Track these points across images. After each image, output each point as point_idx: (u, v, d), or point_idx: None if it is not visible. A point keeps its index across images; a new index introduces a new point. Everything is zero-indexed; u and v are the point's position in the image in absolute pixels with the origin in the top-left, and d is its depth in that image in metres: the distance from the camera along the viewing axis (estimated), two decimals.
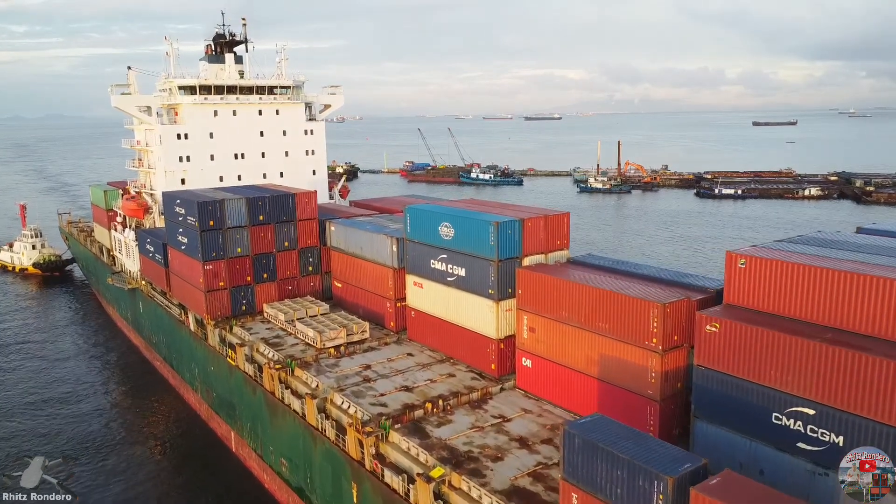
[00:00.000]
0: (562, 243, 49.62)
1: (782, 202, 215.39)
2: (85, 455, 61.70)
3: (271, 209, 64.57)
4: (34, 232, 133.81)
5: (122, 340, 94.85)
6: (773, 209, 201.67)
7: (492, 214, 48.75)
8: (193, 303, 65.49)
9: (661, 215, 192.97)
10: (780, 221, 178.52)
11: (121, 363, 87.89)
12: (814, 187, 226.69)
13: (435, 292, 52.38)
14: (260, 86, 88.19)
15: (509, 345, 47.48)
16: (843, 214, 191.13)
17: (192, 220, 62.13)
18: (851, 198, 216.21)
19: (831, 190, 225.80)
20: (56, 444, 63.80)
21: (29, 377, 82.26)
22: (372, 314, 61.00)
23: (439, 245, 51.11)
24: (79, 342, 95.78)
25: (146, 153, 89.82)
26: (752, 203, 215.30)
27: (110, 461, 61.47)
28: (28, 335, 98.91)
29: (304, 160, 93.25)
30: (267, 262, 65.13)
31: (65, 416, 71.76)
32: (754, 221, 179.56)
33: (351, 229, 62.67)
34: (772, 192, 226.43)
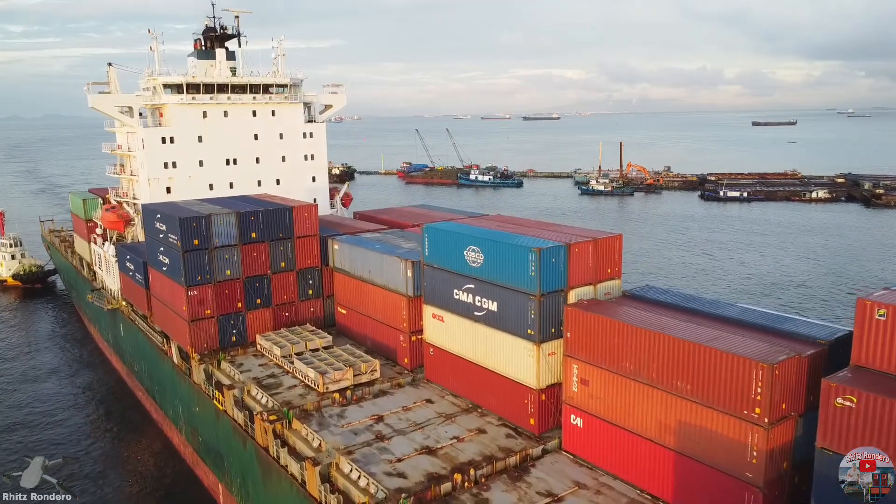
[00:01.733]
0: (613, 272, 41.43)
1: (789, 205, 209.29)
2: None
3: (265, 225, 56.24)
4: (13, 241, 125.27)
5: (103, 363, 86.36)
6: (781, 212, 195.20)
7: (529, 238, 40.52)
8: (176, 332, 57.18)
9: (667, 219, 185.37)
10: (791, 226, 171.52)
11: (100, 390, 79.32)
12: (821, 189, 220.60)
13: (459, 328, 44.17)
14: (254, 84, 79.77)
15: (552, 396, 39.33)
16: (855, 218, 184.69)
17: (174, 239, 53.82)
18: (860, 200, 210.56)
19: (839, 192, 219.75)
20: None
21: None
22: (382, 347, 52.77)
23: (465, 273, 42.89)
24: (56, 363, 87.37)
25: (128, 158, 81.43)
26: (758, 206, 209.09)
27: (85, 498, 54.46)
28: (2, 352, 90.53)
29: (303, 166, 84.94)
30: (260, 286, 56.81)
31: (33, 442, 64.50)
32: (764, 225, 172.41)
33: (358, 249, 54.38)
34: (778, 195, 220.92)
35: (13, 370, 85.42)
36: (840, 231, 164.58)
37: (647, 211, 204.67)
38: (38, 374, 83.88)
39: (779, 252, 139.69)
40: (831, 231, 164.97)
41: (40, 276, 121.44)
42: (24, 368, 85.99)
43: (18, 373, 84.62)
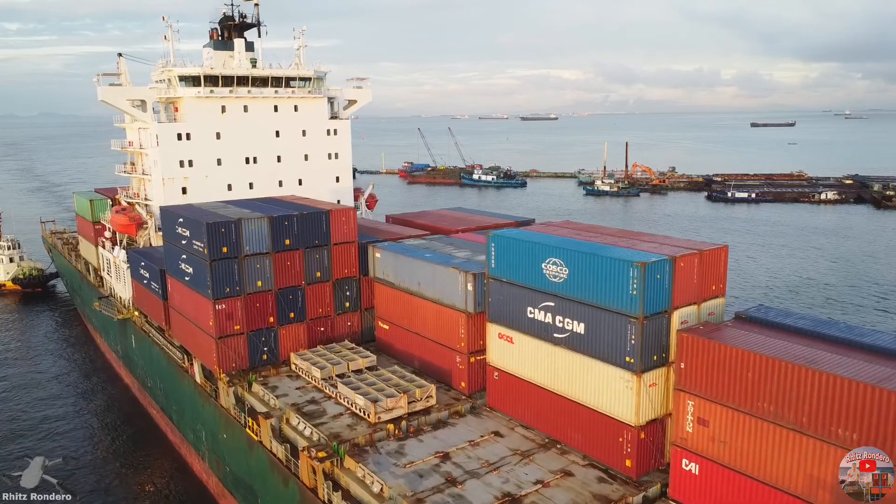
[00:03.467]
0: (717, 289, 35.97)
1: (798, 206, 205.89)
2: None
3: (300, 231, 50.57)
4: (12, 243, 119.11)
5: (110, 375, 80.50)
6: (791, 214, 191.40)
7: (626, 249, 35.03)
8: (200, 350, 51.46)
9: (676, 220, 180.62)
10: (803, 228, 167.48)
11: (107, 402, 73.72)
12: (830, 191, 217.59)
13: (533, 351, 38.65)
14: (276, 76, 74.11)
15: (653, 434, 33.86)
16: (866, 221, 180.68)
17: (200, 246, 48.12)
18: (869, 202, 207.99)
19: (848, 194, 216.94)
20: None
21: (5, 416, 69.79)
22: (432, 369, 47.19)
23: (543, 288, 37.35)
24: (59, 371, 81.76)
25: (140, 156, 75.66)
26: (767, 207, 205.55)
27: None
28: (2, 362, 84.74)
29: (327, 165, 79.45)
30: (294, 298, 51.15)
31: (35, 448, 60.26)
32: (774, 227, 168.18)
33: (404, 258, 48.75)
34: (786, 196, 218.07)
35: (15, 376, 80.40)
36: (856, 232, 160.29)
37: (655, 212, 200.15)
38: (39, 381, 78.96)
39: (815, 256, 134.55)
40: (847, 231, 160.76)
41: (41, 280, 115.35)
42: (25, 375, 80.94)
43: (20, 379, 79.68)
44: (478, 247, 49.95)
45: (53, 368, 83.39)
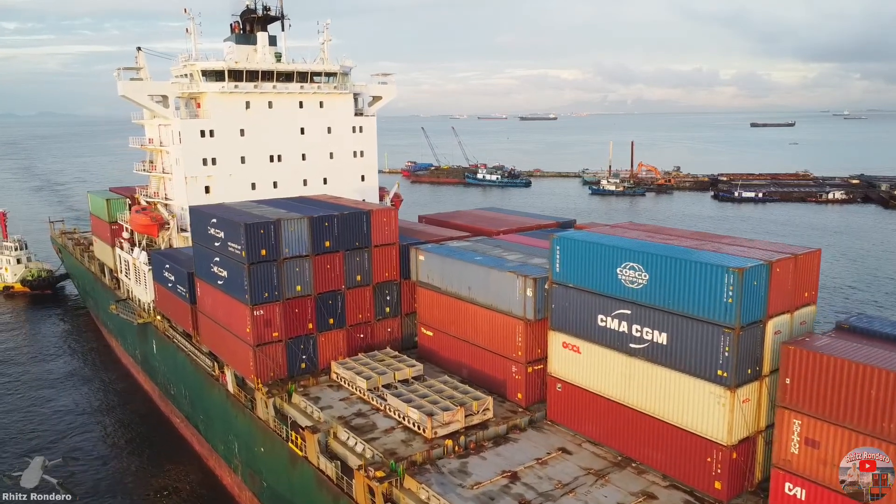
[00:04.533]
0: (810, 296, 33.35)
1: (806, 206, 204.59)
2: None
3: (340, 232, 47.85)
4: (18, 244, 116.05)
5: (128, 382, 77.66)
6: (799, 214, 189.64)
7: (715, 253, 32.37)
8: (235, 358, 48.69)
9: (685, 220, 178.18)
10: (813, 227, 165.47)
11: (127, 412, 70.75)
12: (838, 191, 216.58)
13: (604, 361, 36.02)
14: (301, 71, 71.36)
15: (745, 453, 31.23)
16: (875, 220, 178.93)
17: (237, 248, 45.39)
18: (877, 202, 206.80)
19: (855, 194, 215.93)
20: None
21: (15, 418, 67.68)
22: (484, 378, 44.48)
23: (617, 295, 34.71)
24: (73, 379, 78.77)
25: (160, 154, 72.84)
26: (774, 207, 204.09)
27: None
28: (15, 367, 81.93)
29: (352, 163, 76.75)
30: (334, 304, 48.42)
31: (46, 450, 58.15)
32: (784, 227, 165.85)
33: (452, 261, 46.01)
34: (793, 196, 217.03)
35: (26, 379, 78.24)
36: (868, 232, 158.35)
37: (662, 211, 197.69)
38: (51, 384, 77.04)
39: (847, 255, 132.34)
40: (857, 231, 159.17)
41: (50, 281, 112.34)
42: (37, 378, 78.85)
43: (30, 382, 77.58)
44: (528, 249, 47.38)
45: (66, 372, 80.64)
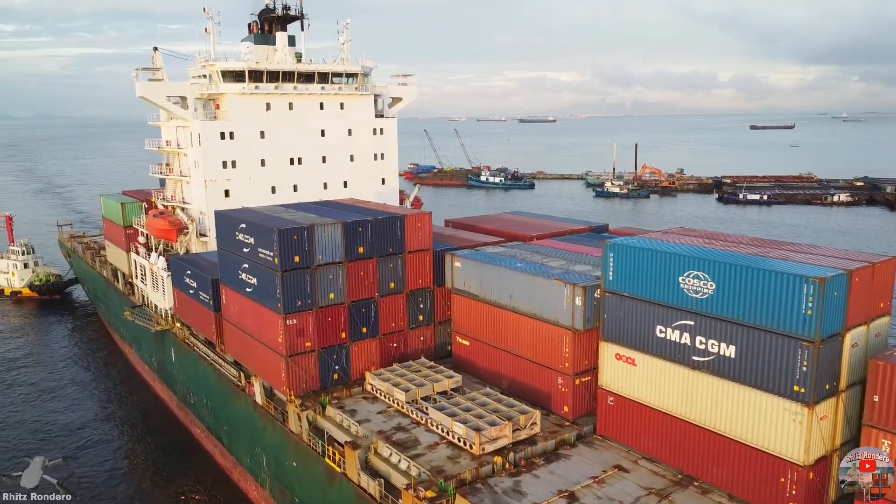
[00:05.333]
0: (885, 306, 31.71)
1: (811, 208, 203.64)
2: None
3: (374, 238, 46.16)
4: (25, 248, 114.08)
5: (143, 390, 75.74)
6: (805, 216, 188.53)
7: (789, 262, 30.70)
8: (265, 369, 46.94)
9: (691, 222, 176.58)
10: (820, 230, 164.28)
11: (141, 420, 68.89)
12: (843, 193, 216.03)
13: (663, 374, 34.34)
14: (322, 72, 69.77)
15: (821, 473, 29.54)
16: (884, 222, 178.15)
17: (268, 255, 43.67)
18: (882, 204, 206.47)
19: (860, 196, 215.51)
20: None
21: (25, 422, 66.46)
22: (526, 390, 42.76)
23: (679, 305, 33.04)
24: (85, 386, 76.98)
25: (177, 157, 71.15)
26: (779, 209, 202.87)
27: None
28: (24, 372, 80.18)
29: (373, 166, 75.19)
30: (367, 312, 46.69)
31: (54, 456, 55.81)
32: (793, 230, 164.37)
33: (491, 268, 44.31)
34: (798, 198, 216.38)
35: (36, 385, 76.64)
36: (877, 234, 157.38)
37: (667, 214, 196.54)
38: (62, 390, 75.20)
39: None
40: (867, 234, 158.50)
41: (59, 286, 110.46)
42: (47, 385, 76.98)
43: (41, 386, 76.17)
44: (569, 255, 45.76)
45: (77, 378, 78.90)
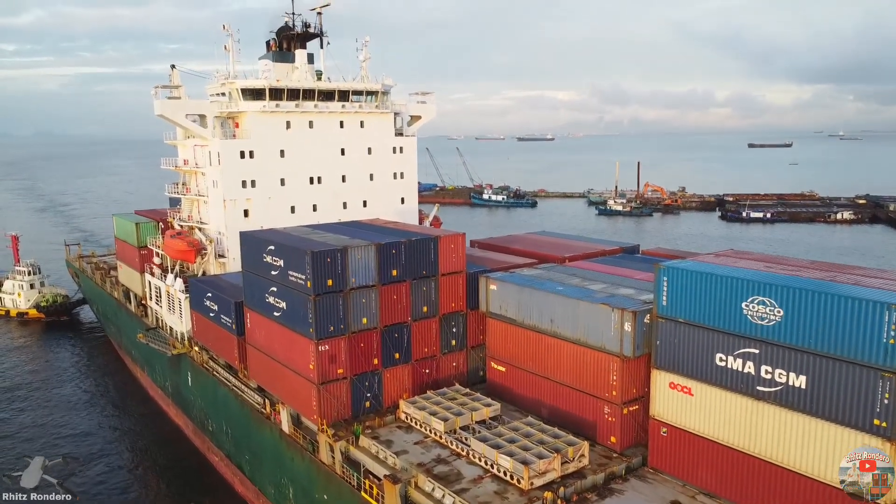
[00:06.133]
0: None
1: (815, 226, 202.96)
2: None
3: (407, 260, 44.65)
4: (31, 268, 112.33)
5: (158, 415, 73.63)
6: (809, 234, 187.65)
7: (863, 288, 29.17)
8: (294, 396, 45.16)
9: (696, 240, 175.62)
10: (828, 248, 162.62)
11: (155, 447, 66.82)
12: (846, 211, 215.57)
13: (723, 405, 32.66)
14: (342, 90, 68.64)
15: None
16: (888, 240, 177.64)
17: (299, 278, 42.10)
18: (886, 222, 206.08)
19: (863, 214, 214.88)
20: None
21: (35, 444, 65.12)
22: (568, 418, 40.98)
23: (742, 332, 31.46)
24: (95, 410, 74.91)
25: (194, 176, 69.77)
26: (783, 227, 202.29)
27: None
28: (33, 394, 78.23)
29: (392, 185, 73.83)
30: (399, 337, 45.06)
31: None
32: (797, 247, 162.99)
33: (530, 291, 42.72)
34: (801, 216, 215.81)
35: (46, 408, 75.06)
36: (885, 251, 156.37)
37: (671, 232, 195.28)
38: (72, 414, 73.50)
39: None
40: (873, 251, 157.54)
41: (67, 307, 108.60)
42: (56, 407, 75.22)
43: (50, 408, 74.62)
44: (609, 278, 44.26)
45: (86, 400, 77.03)
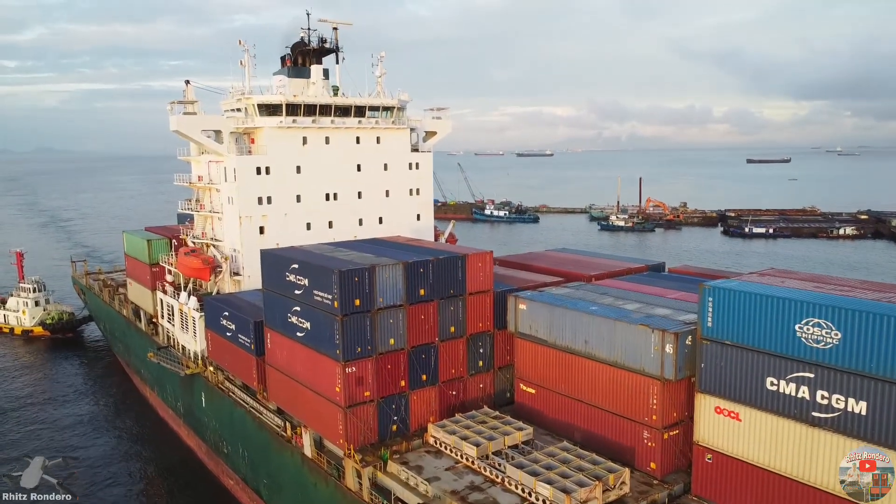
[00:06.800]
0: None
1: (817, 242, 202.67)
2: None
3: (435, 279, 43.48)
4: (36, 285, 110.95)
5: (168, 436, 72.00)
6: (813, 250, 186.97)
7: None
8: (318, 420, 43.77)
9: (700, 255, 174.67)
10: (831, 263, 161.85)
11: (165, 470, 65.18)
12: (848, 226, 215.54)
13: (775, 431, 31.35)
14: (359, 105, 67.83)
15: None
16: (891, 255, 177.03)
17: (325, 298, 40.89)
18: (888, 237, 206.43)
19: (865, 229, 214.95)
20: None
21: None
22: (603, 443, 39.64)
23: (796, 356, 30.25)
24: (103, 430, 73.14)
25: (208, 192, 68.74)
26: (785, 243, 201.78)
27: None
28: (39, 413, 76.64)
29: (408, 202, 72.85)
30: (427, 358, 43.77)
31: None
32: (802, 263, 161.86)
33: (562, 311, 41.53)
34: (804, 231, 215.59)
35: (50, 423, 74.02)
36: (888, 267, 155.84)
37: (674, 247, 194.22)
38: (80, 429, 72.62)
39: None
40: (878, 266, 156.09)
41: (73, 324, 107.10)
42: (63, 423, 74.08)
43: (57, 427, 73.12)
44: (643, 297, 43.13)
45: (94, 419, 75.56)
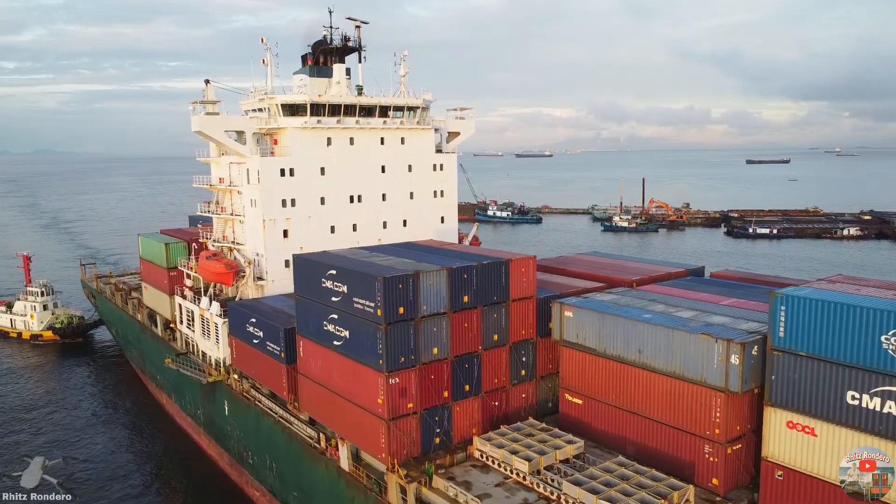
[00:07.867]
0: None
1: (821, 242, 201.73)
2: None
3: (478, 285, 41.75)
4: (44, 288, 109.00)
5: (187, 444, 70.08)
6: (816, 250, 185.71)
7: None
8: (357, 432, 42.01)
9: (705, 255, 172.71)
10: (836, 264, 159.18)
11: (186, 481, 63.35)
12: (852, 227, 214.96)
13: (856, 447, 29.65)
14: (383, 105, 66.07)
15: None
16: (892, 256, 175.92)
17: (367, 306, 39.14)
18: (892, 238, 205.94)
19: (869, 230, 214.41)
20: None
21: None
22: (658, 457, 37.89)
23: (881, 368, 28.58)
24: (117, 438, 71.26)
25: (228, 194, 66.93)
26: (789, 243, 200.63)
27: None
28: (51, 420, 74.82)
29: (432, 204, 71.20)
30: (470, 368, 42.04)
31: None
32: (808, 263, 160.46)
33: (613, 319, 39.79)
34: (808, 232, 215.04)
35: (63, 430, 72.49)
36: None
37: (677, 248, 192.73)
38: (94, 436, 70.83)
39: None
40: (885, 266, 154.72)
41: (82, 328, 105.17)
42: (76, 430, 72.57)
43: (70, 433, 71.73)
44: (697, 304, 41.58)
45: (108, 426, 73.97)
